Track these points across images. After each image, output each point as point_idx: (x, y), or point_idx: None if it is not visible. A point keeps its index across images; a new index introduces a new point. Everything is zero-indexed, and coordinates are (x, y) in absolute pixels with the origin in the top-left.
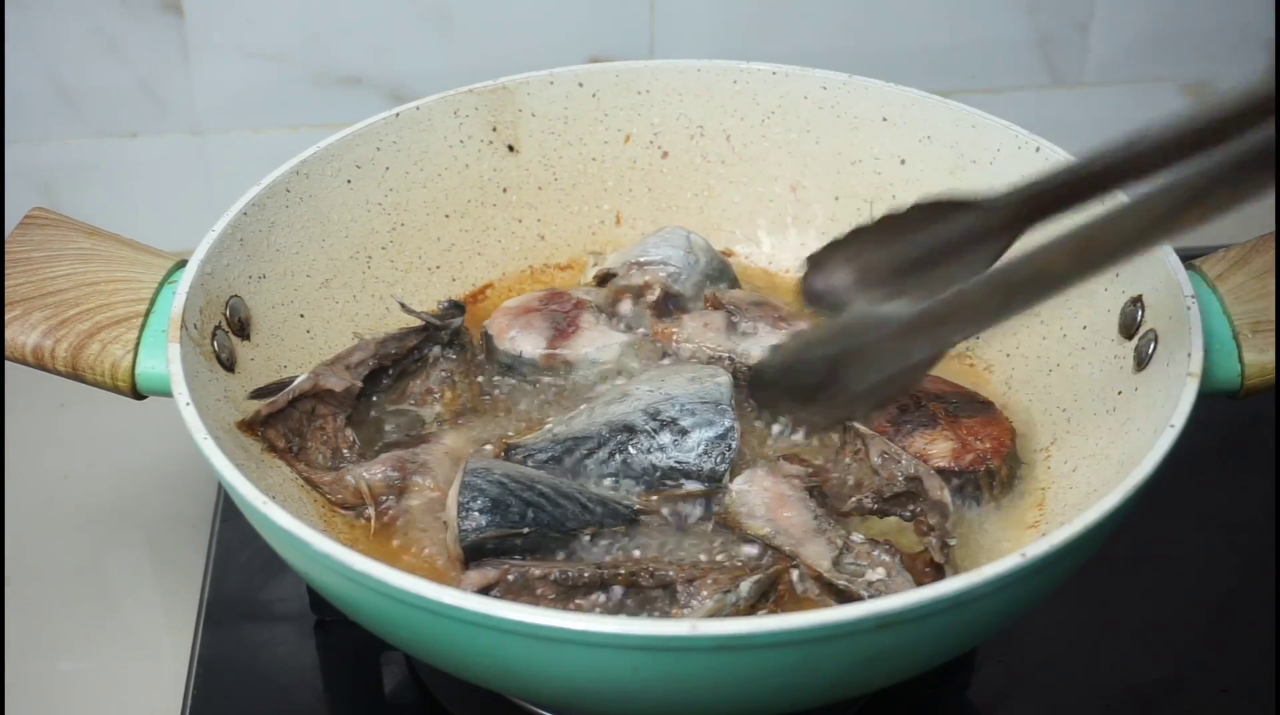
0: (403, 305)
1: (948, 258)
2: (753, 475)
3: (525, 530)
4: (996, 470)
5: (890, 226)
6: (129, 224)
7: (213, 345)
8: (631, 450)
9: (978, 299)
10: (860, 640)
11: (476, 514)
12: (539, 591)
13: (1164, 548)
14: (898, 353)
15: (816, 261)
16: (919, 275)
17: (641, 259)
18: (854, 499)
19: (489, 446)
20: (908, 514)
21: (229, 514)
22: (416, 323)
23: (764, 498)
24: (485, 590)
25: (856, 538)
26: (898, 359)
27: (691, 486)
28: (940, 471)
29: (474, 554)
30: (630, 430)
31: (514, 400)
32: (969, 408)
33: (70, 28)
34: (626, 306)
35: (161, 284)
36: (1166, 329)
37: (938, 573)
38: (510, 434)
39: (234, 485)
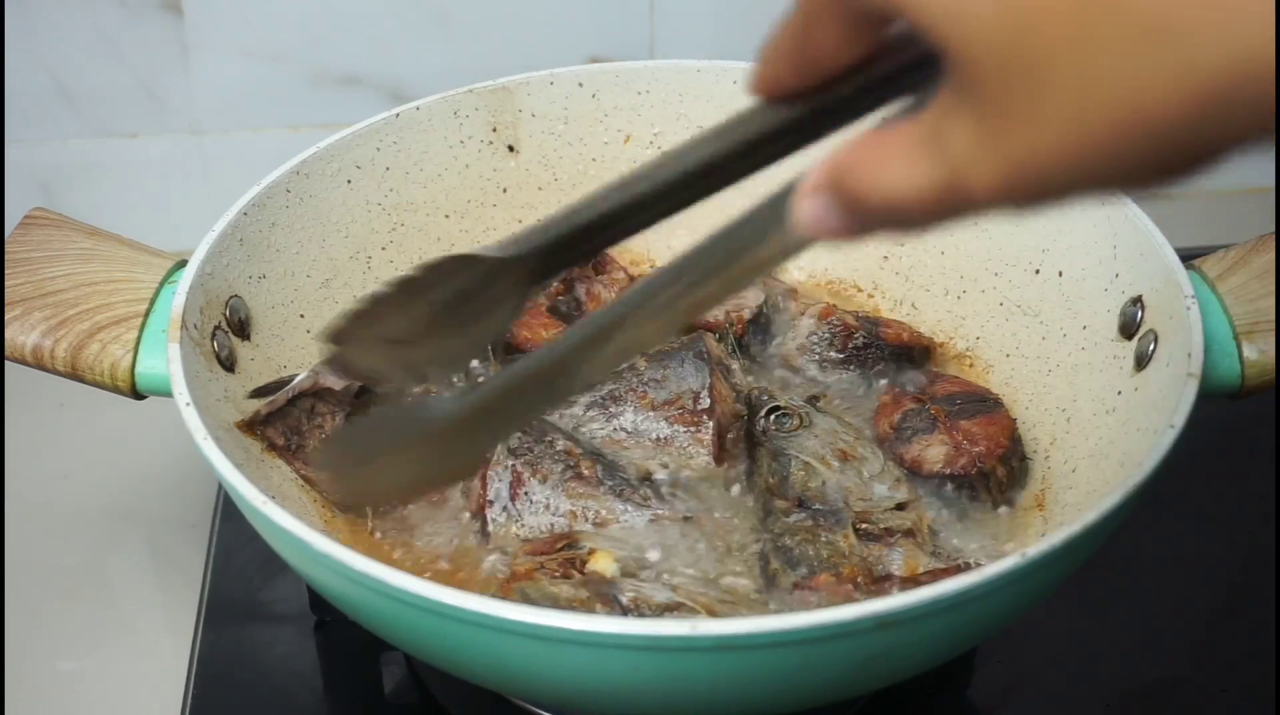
0: None
1: (471, 309)
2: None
3: None
4: (991, 471)
5: (409, 287)
6: (129, 224)
7: (213, 345)
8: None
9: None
10: (860, 640)
11: None
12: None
13: (1164, 548)
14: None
15: (340, 336)
16: (444, 328)
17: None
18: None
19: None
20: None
21: (229, 514)
22: None
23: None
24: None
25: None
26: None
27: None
28: (935, 476)
29: None
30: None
31: None
32: (972, 407)
33: (70, 28)
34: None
35: (161, 284)
36: (1166, 329)
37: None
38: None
39: (234, 485)
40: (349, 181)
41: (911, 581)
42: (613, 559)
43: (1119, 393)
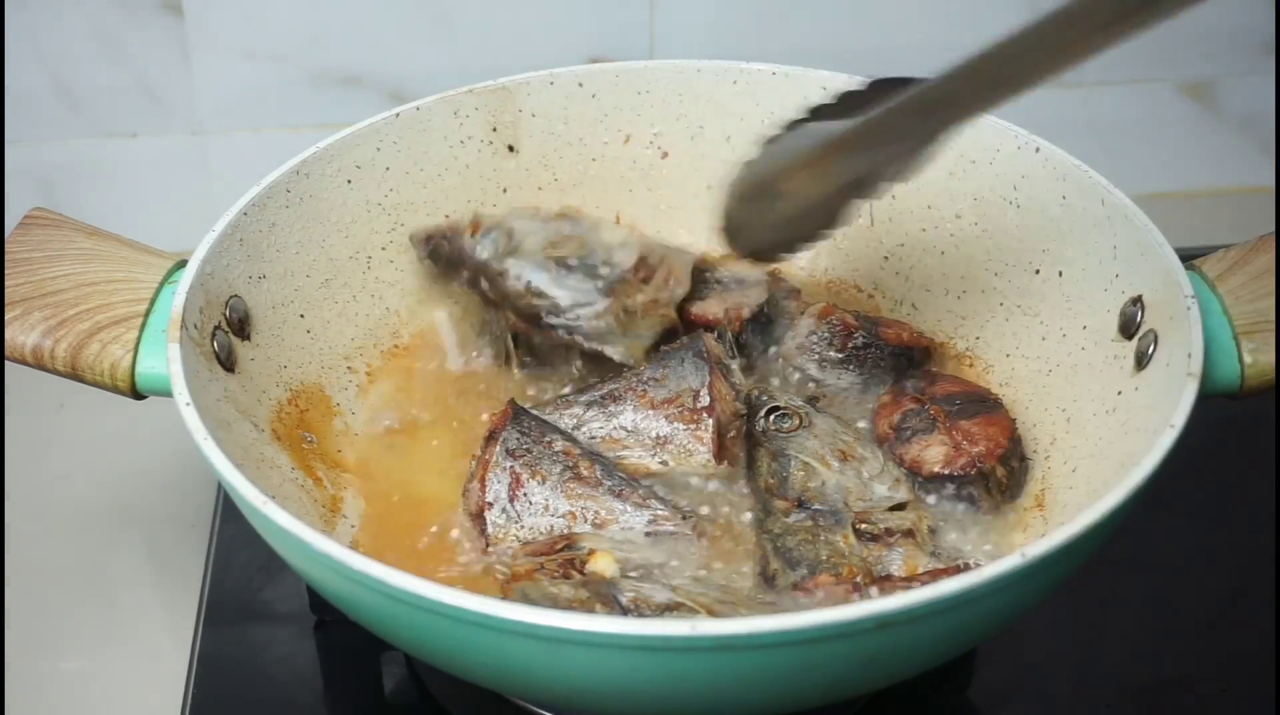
0: None
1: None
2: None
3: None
4: (991, 472)
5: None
6: (129, 224)
7: (213, 345)
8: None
9: (899, 121)
10: (860, 640)
11: None
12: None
13: (1164, 548)
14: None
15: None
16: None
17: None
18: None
19: None
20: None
21: (229, 514)
22: None
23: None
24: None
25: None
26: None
27: None
28: (935, 477)
29: None
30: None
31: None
32: (972, 408)
33: (70, 28)
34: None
35: (161, 284)
36: (1166, 329)
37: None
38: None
39: (234, 485)
40: (349, 181)
41: (911, 581)
42: (612, 559)
43: (1119, 393)
